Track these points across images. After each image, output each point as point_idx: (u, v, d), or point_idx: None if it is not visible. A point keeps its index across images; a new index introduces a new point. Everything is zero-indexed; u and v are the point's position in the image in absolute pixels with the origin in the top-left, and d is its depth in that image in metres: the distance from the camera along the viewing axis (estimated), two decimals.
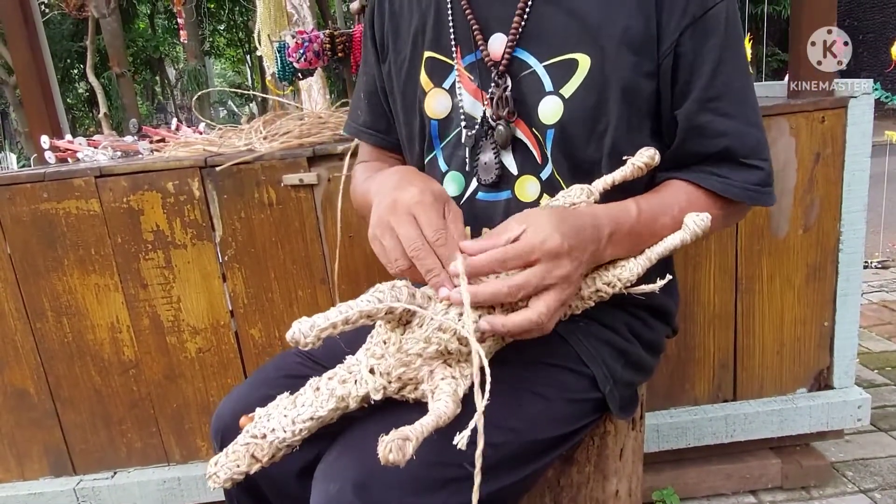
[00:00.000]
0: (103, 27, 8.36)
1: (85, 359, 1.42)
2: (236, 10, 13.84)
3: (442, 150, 0.88)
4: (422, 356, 0.62)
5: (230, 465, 0.63)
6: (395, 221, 0.64)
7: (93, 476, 1.49)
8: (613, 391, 0.81)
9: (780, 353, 1.47)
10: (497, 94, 0.80)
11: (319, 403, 0.64)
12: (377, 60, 0.94)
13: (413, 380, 0.63)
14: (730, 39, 0.76)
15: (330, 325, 0.57)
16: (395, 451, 0.50)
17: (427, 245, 0.63)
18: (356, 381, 0.64)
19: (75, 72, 13.46)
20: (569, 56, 0.77)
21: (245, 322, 1.41)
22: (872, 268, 3.22)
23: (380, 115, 0.97)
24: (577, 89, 0.77)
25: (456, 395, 0.59)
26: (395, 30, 0.90)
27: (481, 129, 0.83)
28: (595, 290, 0.73)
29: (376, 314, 0.59)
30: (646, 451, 1.13)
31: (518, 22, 0.79)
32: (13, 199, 1.33)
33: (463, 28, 0.83)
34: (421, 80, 0.86)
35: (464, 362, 0.64)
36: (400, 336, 0.63)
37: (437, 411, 0.56)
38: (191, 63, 10.63)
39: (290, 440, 0.63)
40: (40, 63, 1.73)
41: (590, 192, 0.75)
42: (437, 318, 0.62)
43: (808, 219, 1.38)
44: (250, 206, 1.34)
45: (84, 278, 1.37)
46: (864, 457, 1.65)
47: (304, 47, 1.58)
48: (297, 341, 0.56)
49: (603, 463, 0.95)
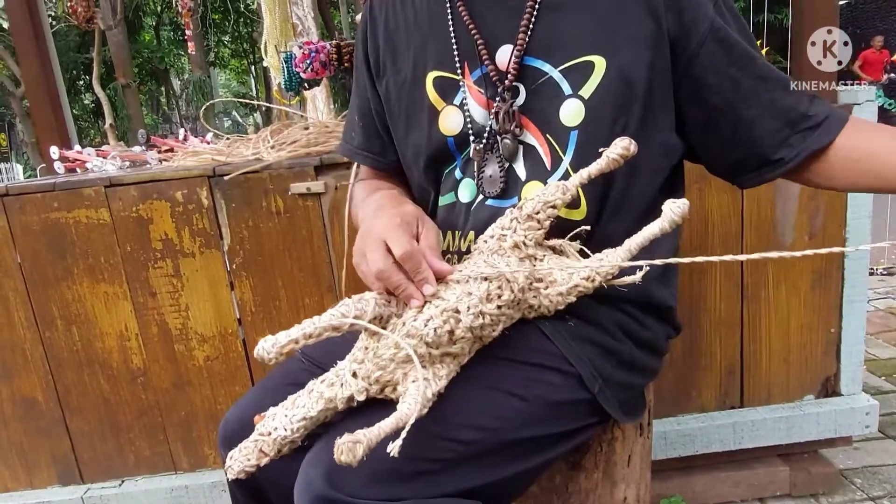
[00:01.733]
0: (109, 39, 8.45)
1: (94, 367, 1.43)
2: (241, 22, 13.95)
3: (461, 160, 0.88)
4: (394, 360, 0.66)
5: (242, 459, 0.69)
6: (368, 248, 0.72)
7: (100, 485, 1.50)
8: (605, 391, 0.80)
9: (787, 360, 1.46)
10: (503, 109, 0.81)
11: (311, 404, 0.69)
12: (371, 82, 0.95)
13: (390, 382, 0.67)
14: (740, 26, 0.80)
15: (291, 340, 0.63)
16: (346, 453, 0.54)
17: (393, 266, 0.69)
18: (342, 384, 0.68)
19: (81, 83, 13.56)
20: (584, 59, 0.78)
21: (253, 330, 1.41)
22: (878, 275, 3.22)
23: (374, 136, 0.98)
24: (596, 89, 0.78)
25: (424, 396, 0.63)
26: (392, 49, 0.90)
27: (487, 143, 0.84)
28: (573, 285, 0.73)
29: (341, 327, 0.66)
30: (653, 459, 1.13)
31: (524, 32, 0.79)
32: (23, 208, 1.34)
33: (467, 43, 0.84)
34: (431, 100, 0.87)
35: (438, 363, 0.68)
36: (376, 343, 0.68)
37: (398, 413, 0.60)
38: (196, 74, 10.71)
39: (290, 437, 0.68)
40: (49, 75, 1.76)
41: (565, 189, 0.75)
42: (408, 324, 0.67)
43: (814, 225, 1.38)
44: (258, 215, 1.35)
45: (93, 287, 1.38)
46: (872, 464, 1.64)
47: (311, 58, 1.60)
48: (261, 358, 0.62)
49: (611, 469, 0.95)
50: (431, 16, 0.86)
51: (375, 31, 0.92)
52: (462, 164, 0.88)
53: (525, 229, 0.74)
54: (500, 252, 0.73)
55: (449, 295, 0.68)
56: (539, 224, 0.74)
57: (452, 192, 0.89)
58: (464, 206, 0.88)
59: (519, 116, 0.81)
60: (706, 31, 0.77)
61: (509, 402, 0.74)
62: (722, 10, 0.79)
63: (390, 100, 0.91)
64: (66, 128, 1.80)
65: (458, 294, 0.68)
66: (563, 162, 0.81)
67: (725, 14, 0.79)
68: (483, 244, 0.76)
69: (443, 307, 0.67)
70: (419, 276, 0.69)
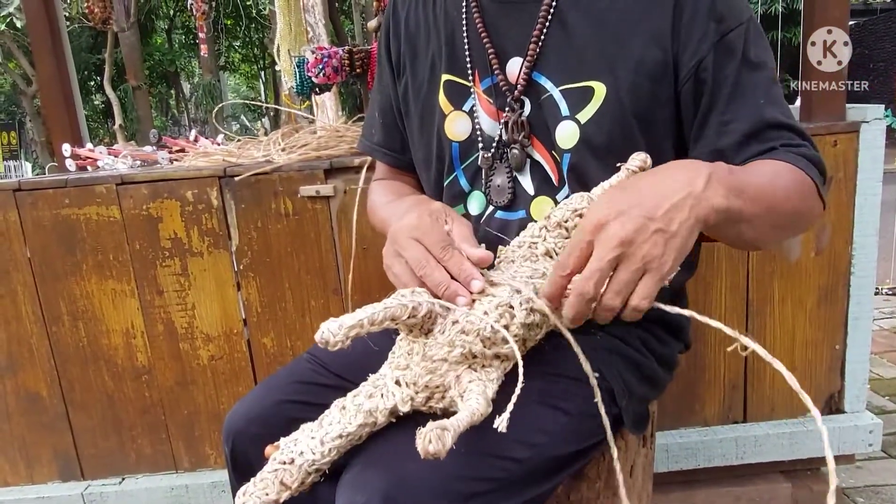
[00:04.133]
0: (122, 41, 8.52)
1: (98, 363, 1.44)
2: (252, 27, 14.07)
3: (463, 171, 0.88)
4: (447, 360, 0.62)
5: (259, 494, 0.62)
6: (402, 247, 0.68)
7: (101, 481, 1.50)
8: (629, 406, 0.81)
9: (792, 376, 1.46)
10: (512, 119, 0.81)
11: (347, 420, 0.64)
12: (393, 79, 0.95)
13: (440, 387, 0.63)
14: (748, 60, 0.75)
15: (357, 323, 0.57)
16: (435, 442, 0.49)
17: (433, 262, 0.66)
18: (382, 394, 0.64)
19: (92, 84, 13.67)
20: (585, 83, 0.78)
21: (258, 331, 1.42)
22: (884, 294, 3.21)
23: (394, 133, 0.98)
24: (594, 116, 0.77)
25: (486, 394, 0.59)
26: (412, 51, 0.91)
27: (496, 152, 0.84)
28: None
29: (402, 314, 0.60)
30: (655, 472, 1.13)
31: (534, 47, 0.79)
32: (35, 203, 1.36)
33: (479, 52, 0.84)
34: (440, 103, 0.87)
35: (489, 367, 0.64)
36: (423, 344, 0.64)
37: (469, 408, 0.55)
38: (206, 77, 10.79)
39: (319, 462, 0.63)
40: (64, 74, 1.77)
41: (590, 199, 0.75)
42: (461, 321, 0.62)
43: (820, 242, 1.38)
44: (267, 216, 1.36)
45: (101, 283, 1.39)
46: (875, 483, 1.63)
47: (324, 63, 1.61)
48: (326, 341, 0.56)
49: (613, 480, 0.95)
50: (449, 20, 0.87)
51: (398, 30, 0.93)
52: (470, 175, 0.88)
53: (554, 237, 0.74)
54: (533, 259, 0.73)
55: (498, 292, 0.65)
56: (567, 232, 0.74)
57: (461, 204, 0.89)
58: (473, 218, 0.88)
59: (528, 127, 0.81)
60: (691, 70, 0.75)
61: (555, 416, 0.72)
62: (728, 48, 0.75)
63: (408, 100, 0.92)
64: (78, 127, 1.81)
65: (509, 291, 0.65)
66: (565, 183, 0.81)
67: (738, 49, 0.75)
68: (511, 253, 0.75)
69: (496, 302, 0.64)
70: (464, 275, 0.65)
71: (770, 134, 0.74)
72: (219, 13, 9.97)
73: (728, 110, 0.75)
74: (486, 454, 0.65)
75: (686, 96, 0.77)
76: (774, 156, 0.73)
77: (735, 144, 0.75)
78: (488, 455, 0.66)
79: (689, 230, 0.59)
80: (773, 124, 0.74)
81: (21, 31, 9.16)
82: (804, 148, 0.74)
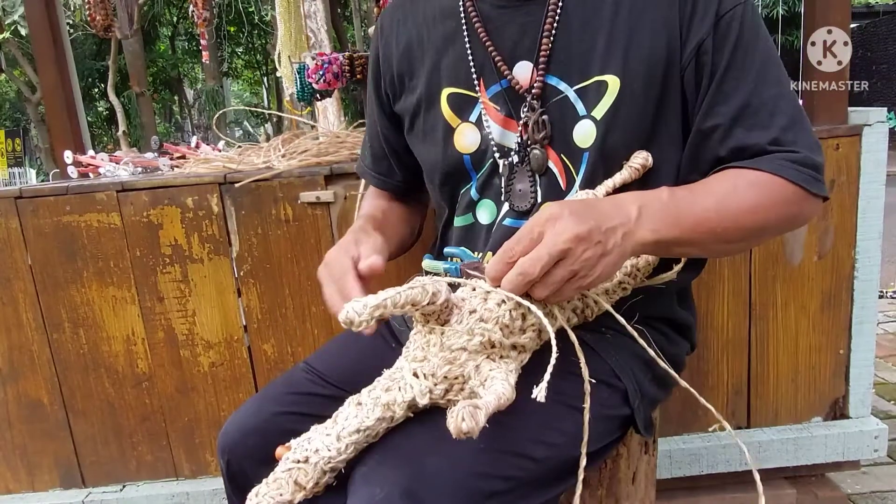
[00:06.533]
0: (125, 47, 8.55)
1: (99, 370, 1.44)
2: (255, 34, 14.13)
3: (476, 180, 0.88)
4: (466, 349, 0.61)
5: (272, 494, 0.60)
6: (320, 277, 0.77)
7: (102, 489, 1.50)
8: (640, 407, 0.80)
9: (795, 381, 1.45)
10: (532, 119, 0.81)
11: (365, 414, 0.62)
12: (379, 106, 0.97)
13: (459, 378, 0.62)
14: (742, 43, 0.75)
15: (381, 303, 0.56)
16: (469, 419, 0.48)
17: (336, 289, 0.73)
18: (400, 387, 0.63)
19: (96, 91, 13.73)
20: (598, 79, 0.78)
21: (258, 337, 1.41)
22: (888, 298, 3.19)
23: (381, 158, 1.02)
24: (608, 110, 0.78)
25: (509, 380, 0.58)
26: (409, 66, 0.90)
27: (517, 157, 0.83)
28: (617, 281, 0.73)
29: (423, 299, 0.59)
30: (658, 478, 1.12)
31: (546, 49, 0.79)
32: (36, 211, 1.36)
33: (484, 59, 0.84)
34: (446, 117, 0.87)
35: (507, 357, 0.63)
36: (441, 334, 0.63)
37: (495, 391, 0.54)
38: (209, 84, 10.82)
39: (335, 459, 0.62)
40: (66, 82, 1.78)
41: (595, 197, 0.76)
42: (479, 310, 0.62)
43: (823, 246, 1.38)
44: (267, 223, 1.36)
45: (102, 290, 1.39)
46: (880, 489, 1.61)
47: (324, 69, 1.61)
48: (350, 321, 0.55)
49: (615, 486, 0.94)
50: (445, 32, 0.87)
51: (388, 53, 0.93)
52: (479, 184, 0.87)
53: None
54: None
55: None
56: None
57: (470, 213, 0.89)
58: (483, 227, 0.87)
59: (549, 126, 0.81)
60: (692, 51, 0.76)
61: (571, 415, 0.72)
62: (724, 29, 0.75)
63: (409, 118, 0.92)
64: (80, 134, 1.82)
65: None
66: (575, 183, 0.81)
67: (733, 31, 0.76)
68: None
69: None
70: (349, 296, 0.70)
71: (757, 120, 0.75)
72: (221, 20, 10.01)
73: (719, 92, 0.76)
74: (505, 452, 0.65)
75: (689, 77, 0.77)
76: (755, 164, 0.73)
77: (722, 130, 0.76)
78: (508, 453, 0.65)
79: (619, 255, 0.64)
80: (761, 108, 0.75)
81: (25, 38, 9.21)
82: (790, 152, 0.74)
